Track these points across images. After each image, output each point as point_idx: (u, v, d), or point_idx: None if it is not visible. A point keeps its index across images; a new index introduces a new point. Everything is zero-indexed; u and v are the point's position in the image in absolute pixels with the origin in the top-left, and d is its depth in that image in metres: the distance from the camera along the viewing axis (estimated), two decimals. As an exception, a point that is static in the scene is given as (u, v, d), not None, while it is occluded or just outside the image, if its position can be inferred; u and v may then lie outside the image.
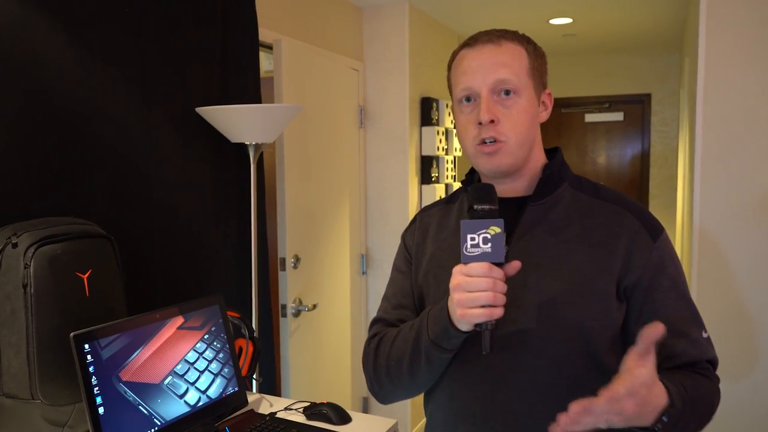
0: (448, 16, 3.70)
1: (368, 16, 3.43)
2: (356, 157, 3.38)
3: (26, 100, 1.51)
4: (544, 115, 1.11)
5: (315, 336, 2.83)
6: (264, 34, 2.50)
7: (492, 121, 1.03)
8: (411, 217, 3.42)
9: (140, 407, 1.27)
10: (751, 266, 2.36)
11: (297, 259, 2.66)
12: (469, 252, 0.94)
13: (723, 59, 2.36)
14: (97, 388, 1.20)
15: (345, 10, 3.25)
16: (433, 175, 3.56)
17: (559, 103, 5.23)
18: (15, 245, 1.29)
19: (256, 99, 2.36)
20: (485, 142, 1.05)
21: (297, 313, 2.66)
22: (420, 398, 2.55)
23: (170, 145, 1.95)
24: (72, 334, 1.19)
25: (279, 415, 1.53)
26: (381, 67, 3.42)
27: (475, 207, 0.96)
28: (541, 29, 4.03)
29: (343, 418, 1.50)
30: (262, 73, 2.44)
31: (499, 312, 0.94)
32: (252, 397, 1.64)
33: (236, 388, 1.51)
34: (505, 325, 1.02)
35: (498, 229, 0.94)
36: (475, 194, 0.98)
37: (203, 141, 2.08)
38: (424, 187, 3.56)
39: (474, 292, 0.93)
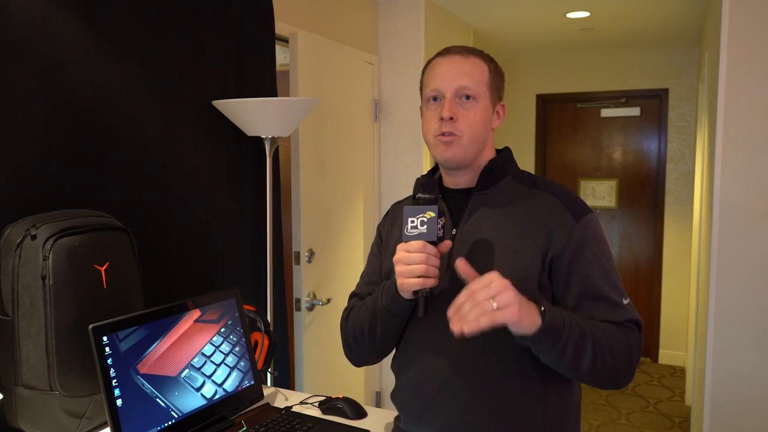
0: (463, 10, 3.67)
1: (384, 9, 3.42)
2: (371, 152, 3.37)
3: (45, 93, 1.51)
4: (497, 123, 1.30)
5: (328, 330, 2.83)
6: (280, 28, 2.49)
7: (451, 118, 1.22)
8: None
9: (157, 400, 1.28)
10: (772, 264, 2.33)
11: (311, 253, 2.66)
12: (409, 232, 1.15)
13: (745, 54, 2.32)
14: (115, 380, 1.21)
15: (361, 4, 3.24)
16: (447, 169, 3.54)
17: (575, 98, 5.18)
18: (34, 237, 1.30)
19: (272, 92, 2.36)
20: (444, 134, 1.23)
21: (311, 307, 2.66)
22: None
23: (187, 138, 1.95)
24: (91, 327, 1.19)
25: (294, 409, 1.53)
26: (396, 60, 3.40)
27: (418, 195, 1.18)
28: (558, 23, 3.99)
29: (359, 413, 1.49)
30: (278, 67, 2.44)
31: (431, 282, 1.15)
32: (267, 390, 1.65)
33: (252, 382, 1.51)
34: (451, 295, 1.16)
35: (432, 214, 1.14)
36: (419, 185, 1.20)
37: (220, 134, 2.08)
38: (439, 181, 3.54)
39: (411, 265, 1.14)
